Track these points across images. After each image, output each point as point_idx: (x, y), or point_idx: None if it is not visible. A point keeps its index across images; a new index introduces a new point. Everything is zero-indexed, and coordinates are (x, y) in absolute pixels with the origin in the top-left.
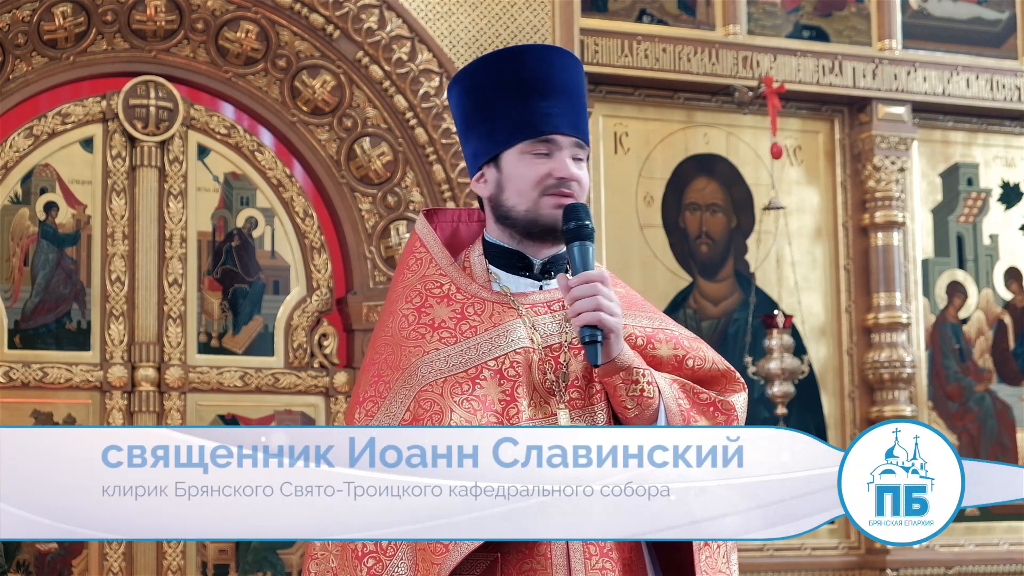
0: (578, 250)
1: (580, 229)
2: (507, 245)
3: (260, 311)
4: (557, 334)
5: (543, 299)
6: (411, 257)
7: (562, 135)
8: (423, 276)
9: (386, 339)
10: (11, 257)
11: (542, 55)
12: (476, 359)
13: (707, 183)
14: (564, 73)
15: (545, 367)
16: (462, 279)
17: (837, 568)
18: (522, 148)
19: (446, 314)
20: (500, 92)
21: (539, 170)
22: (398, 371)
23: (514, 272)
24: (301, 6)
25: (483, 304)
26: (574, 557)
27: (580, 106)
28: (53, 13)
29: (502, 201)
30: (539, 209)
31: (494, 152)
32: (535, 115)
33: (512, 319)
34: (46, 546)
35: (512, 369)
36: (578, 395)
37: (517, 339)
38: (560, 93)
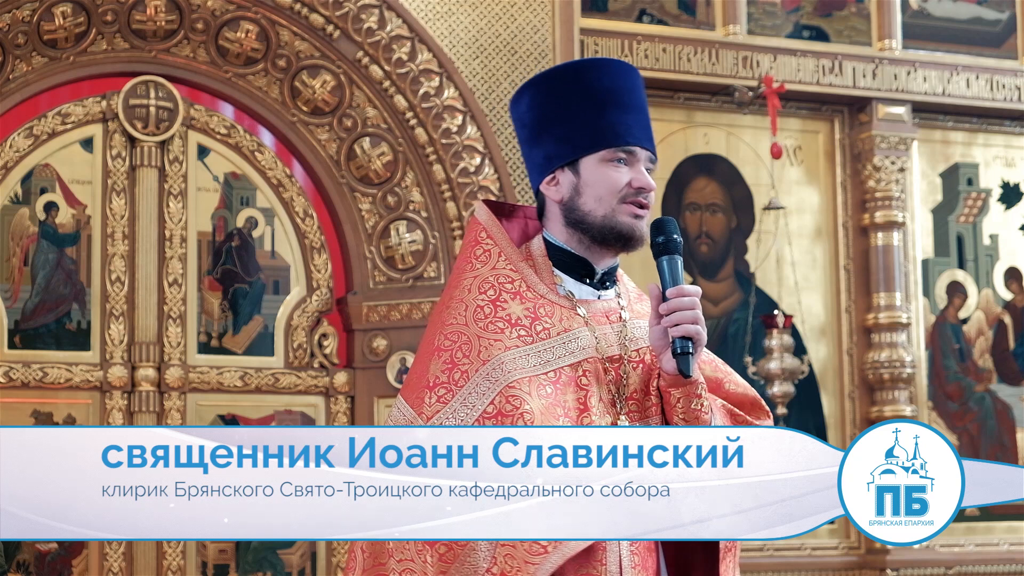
0: (667, 263)
1: (669, 243)
2: (573, 250)
3: (260, 311)
4: (617, 345)
5: (602, 308)
6: (478, 247)
7: (641, 148)
8: (494, 268)
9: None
10: (11, 257)
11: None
12: (553, 363)
13: (707, 183)
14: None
15: (608, 377)
16: (532, 277)
17: (837, 568)
18: (603, 156)
19: (521, 311)
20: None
21: (620, 178)
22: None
23: (576, 277)
24: (301, 6)
25: (552, 307)
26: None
27: (650, 124)
28: (53, 13)
29: (578, 205)
30: (616, 216)
31: (573, 156)
32: (619, 125)
33: (579, 326)
34: (46, 546)
35: (585, 377)
36: (636, 407)
37: (587, 347)
38: (636, 109)
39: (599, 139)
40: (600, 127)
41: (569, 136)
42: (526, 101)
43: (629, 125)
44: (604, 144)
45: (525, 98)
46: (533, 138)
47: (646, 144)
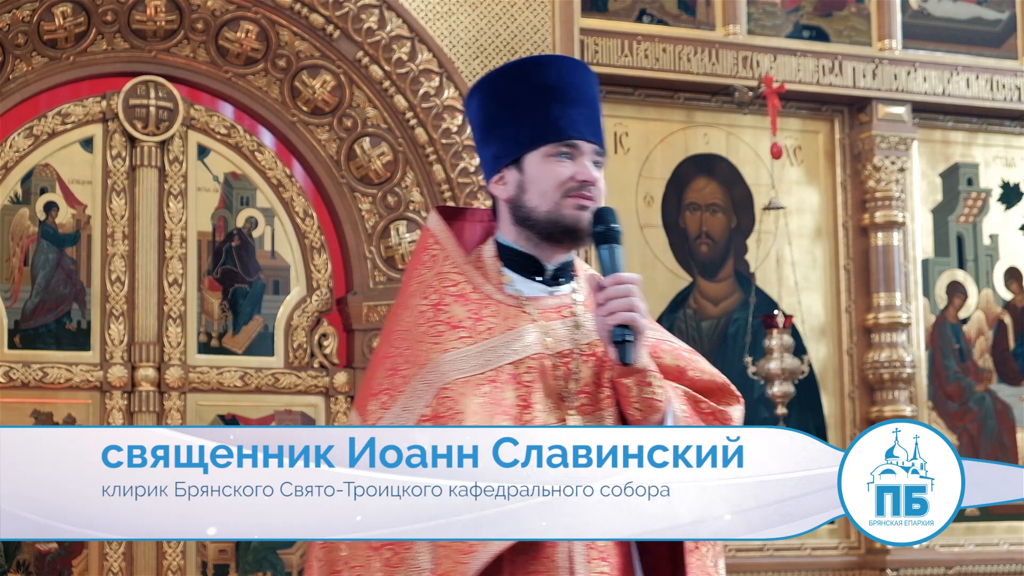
0: (608, 252)
1: (609, 232)
2: (522, 248)
3: (260, 311)
4: (567, 340)
5: (554, 304)
6: (425, 253)
7: (584, 141)
8: (439, 273)
9: (401, 333)
10: (11, 257)
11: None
12: (495, 362)
13: (707, 183)
14: (586, 85)
15: (557, 373)
16: (478, 278)
17: (837, 568)
18: (546, 151)
19: (463, 313)
20: (525, 97)
21: (562, 172)
22: (416, 366)
23: (526, 276)
24: (301, 6)
25: (497, 306)
26: (576, 560)
27: (599, 119)
28: (53, 13)
29: (523, 202)
30: (560, 210)
31: (517, 154)
32: (561, 120)
33: (526, 323)
34: (46, 546)
35: (528, 375)
36: (587, 400)
37: (532, 344)
38: (582, 102)
39: (541, 134)
40: (542, 122)
41: (513, 134)
42: (475, 103)
43: (572, 119)
44: (546, 139)
45: (474, 100)
46: (482, 139)
47: (590, 137)
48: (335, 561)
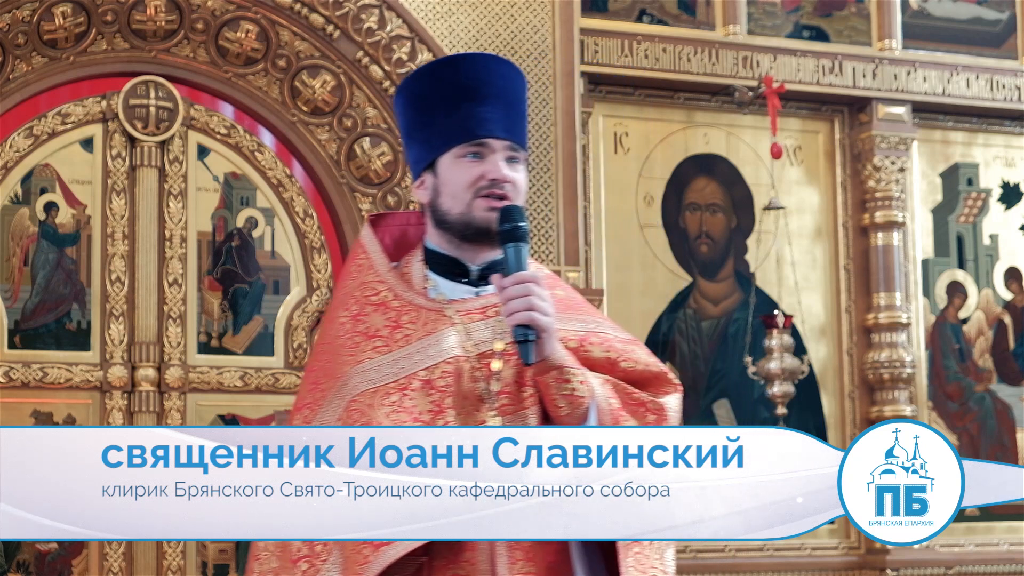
0: (512, 251)
1: (515, 230)
2: (445, 251)
3: (260, 311)
4: (490, 340)
5: (479, 305)
6: (352, 264)
7: (495, 138)
8: (362, 283)
9: (324, 346)
10: (11, 257)
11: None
12: (408, 369)
13: (707, 183)
14: (502, 80)
15: (476, 375)
16: (399, 286)
17: (837, 568)
18: (456, 152)
19: (381, 322)
20: (437, 100)
21: (472, 172)
22: (333, 379)
23: (452, 278)
24: (301, 6)
25: (418, 312)
26: (499, 562)
27: (517, 112)
28: (53, 13)
29: (439, 205)
30: (472, 211)
31: (431, 158)
32: (469, 120)
33: (445, 327)
34: (46, 546)
35: (442, 379)
36: (509, 400)
37: (449, 348)
38: (496, 99)
39: (451, 136)
40: (452, 123)
41: (428, 138)
42: (397, 109)
43: (482, 117)
44: (455, 140)
45: (396, 105)
46: (405, 145)
47: (502, 134)
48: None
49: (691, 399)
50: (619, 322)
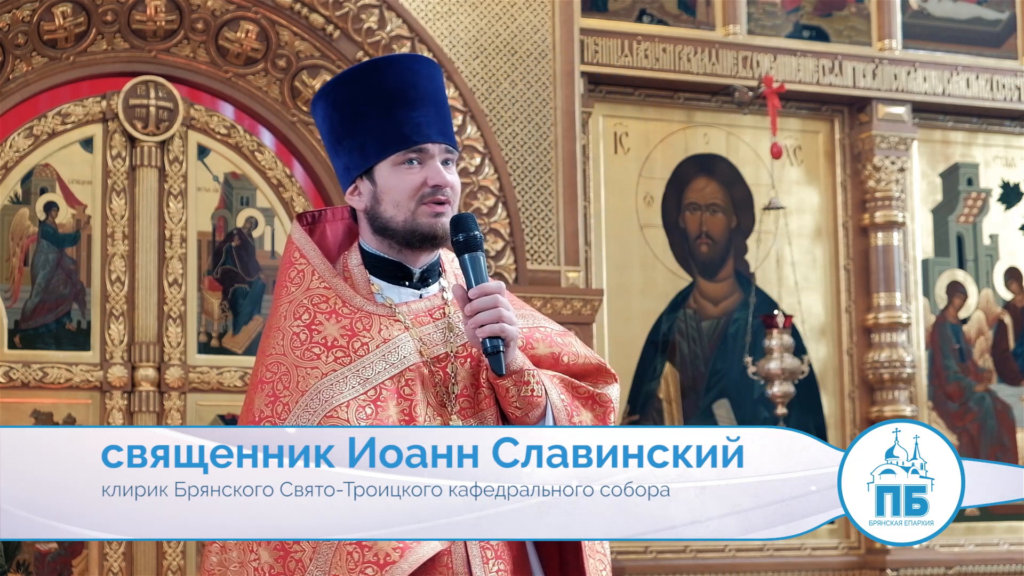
0: (470, 261)
1: (470, 241)
2: (386, 256)
3: (260, 311)
4: (442, 344)
5: (424, 307)
6: (292, 268)
7: (432, 143)
8: (307, 289)
9: (277, 357)
10: (11, 257)
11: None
12: (374, 379)
13: (707, 183)
14: (428, 81)
15: (435, 379)
16: (347, 292)
17: (837, 568)
18: (394, 160)
19: (336, 331)
20: (366, 105)
21: (413, 180)
22: (297, 393)
23: (394, 282)
24: (301, 6)
25: (370, 318)
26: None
27: (445, 113)
28: (53, 13)
29: (380, 213)
30: (417, 218)
31: (366, 165)
32: (404, 126)
33: (399, 333)
34: (46, 546)
35: (408, 387)
36: (467, 403)
37: (408, 355)
38: (426, 102)
39: (387, 143)
40: (387, 130)
41: (361, 145)
42: (319, 112)
43: (417, 123)
44: (393, 148)
45: (318, 109)
46: (333, 149)
47: (438, 138)
48: None
49: (691, 399)
50: (619, 322)
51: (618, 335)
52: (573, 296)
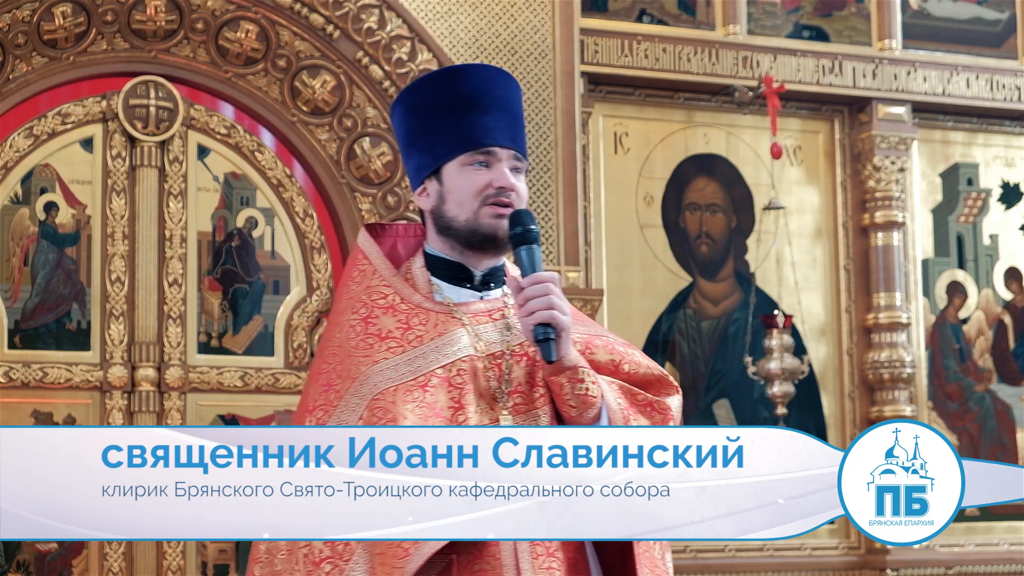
0: (526, 253)
1: (527, 233)
2: (449, 257)
3: (260, 311)
4: (499, 342)
5: (484, 308)
6: (354, 269)
7: (501, 147)
8: (367, 287)
9: (333, 349)
10: (11, 257)
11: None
12: (424, 367)
13: (707, 183)
14: (503, 90)
15: (489, 374)
16: (405, 290)
17: (837, 568)
18: (462, 160)
19: (392, 324)
20: (441, 108)
21: (479, 180)
22: (348, 380)
23: (455, 283)
24: (301, 6)
25: (427, 314)
26: (522, 557)
27: (519, 123)
28: (53, 13)
29: (444, 212)
30: (479, 218)
31: (435, 165)
32: (474, 129)
33: (456, 328)
34: (46, 546)
35: (459, 377)
36: (521, 400)
37: (462, 347)
38: (499, 109)
39: (457, 144)
40: (458, 132)
41: (431, 146)
42: (396, 117)
43: (487, 127)
44: (462, 148)
45: (395, 114)
46: (406, 152)
47: (507, 143)
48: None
49: (691, 399)
50: (619, 322)
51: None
52: (573, 296)
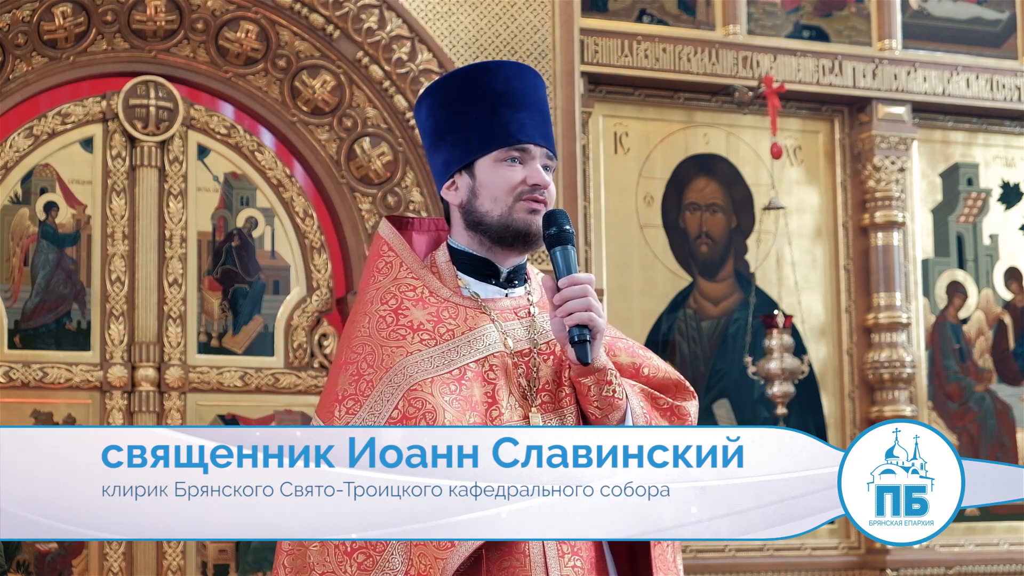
0: (561, 254)
1: (561, 234)
2: (476, 252)
3: (260, 311)
4: (526, 340)
5: (510, 305)
6: (380, 260)
7: (535, 145)
8: (395, 279)
9: (362, 339)
10: (11, 257)
11: (513, 70)
12: (459, 361)
13: (707, 183)
14: (533, 89)
15: (518, 371)
16: (434, 283)
17: (837, 568)
18: (496, 156)
19: (423, 316)
20: (474, 103)
21: (514, 176)
22: (381, 370)
23: (481, 279)
24: (301, 6)
25: (456, 308)
26: (549, 555)
27: (549, 121)
28: (53, 13)
29: (475, 207)
30: (512, 214)
31: (468, 159)
32: (510, 125)
33: (485, 323)
34: (46, 546)
35: (492, 372)
36: (548, 399)
37: (493, 343)
38: (531, 106)
39: (491, 139)
40: (492, 128)
41: (463, 140)
42: (424, 110)
43: (522, 123)
44: (496, 144)
45: (423, 107)
46: (433, 145)
47: (540, 141)
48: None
49: None
50: (619, 322)
51: None
52: None
